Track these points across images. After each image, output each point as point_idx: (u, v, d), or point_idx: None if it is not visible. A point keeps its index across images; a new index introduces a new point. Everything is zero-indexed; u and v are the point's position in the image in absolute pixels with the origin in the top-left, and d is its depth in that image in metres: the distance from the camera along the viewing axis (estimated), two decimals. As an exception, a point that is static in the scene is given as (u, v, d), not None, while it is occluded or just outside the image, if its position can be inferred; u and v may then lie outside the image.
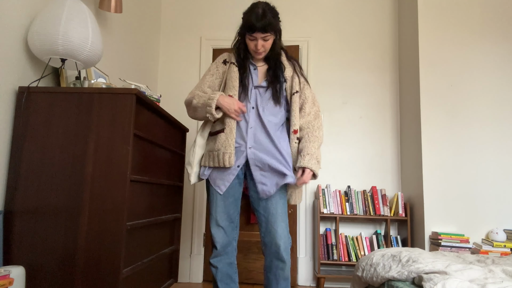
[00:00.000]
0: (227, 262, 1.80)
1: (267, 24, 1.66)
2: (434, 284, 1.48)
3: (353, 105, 3.34)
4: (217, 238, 1.77)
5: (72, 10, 1.63)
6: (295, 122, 1.75)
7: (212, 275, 1.82)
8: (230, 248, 1.80)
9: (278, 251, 1.68)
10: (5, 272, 1.31)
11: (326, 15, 3.47)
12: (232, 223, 1.79)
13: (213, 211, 1.78)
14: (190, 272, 3.17)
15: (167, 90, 3.43)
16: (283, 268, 1.69)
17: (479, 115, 2.82)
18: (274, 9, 1.76)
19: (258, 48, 1.72)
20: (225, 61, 1.84)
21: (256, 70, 1.81)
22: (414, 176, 2.94)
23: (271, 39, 1.73)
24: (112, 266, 1.48)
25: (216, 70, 1.83)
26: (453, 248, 2.56)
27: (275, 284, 1.72)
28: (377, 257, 1.94)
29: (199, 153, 1.82)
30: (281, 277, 1.70)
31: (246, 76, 1.77)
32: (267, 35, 1.70)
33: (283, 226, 1.70)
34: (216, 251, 1.78)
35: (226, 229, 1.77)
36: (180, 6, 3.55)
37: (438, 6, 2.96)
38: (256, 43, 1.71)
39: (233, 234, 1.80)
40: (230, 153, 1.69)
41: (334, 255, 2.95)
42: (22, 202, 1.51)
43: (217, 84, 1.82)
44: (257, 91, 1.77)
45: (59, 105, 1.57)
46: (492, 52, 2.88)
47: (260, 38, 1.69)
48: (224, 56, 1.87)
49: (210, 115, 1.69)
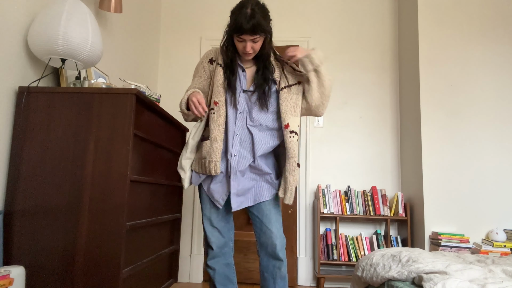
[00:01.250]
0: (225, 263, 1.77)
1: (256, 25, 1.53)
2: (434, 284, 1.48)
3: (353, 105, 3.34)
4: (213, 238, 1.74)
5: (72, 10, 1.63)
6: (285, 117, 1.66)
7: (209, 277, 1.80)
8: (226, 249, 1.78)
9: (275, 250, 1.67)
10: (5, 272, 1.31)
11: (326, 15, 3.47)
12: (228, 223, 1.77)
13: (207, 211, 1.75)
14: (190, 272, 3.17)
15: (167, 90, 3.43)
16: (280, 267, 1.69)
17: (479, 115, 2.82)
18: (264, 7, 1.60)
19: (247, 50, 1.60)
20: (211, 60, 1.75)
21: (244, 73, 1.70)
22: (414, 176, 2.94)
23: (260, 40, 1.61)
24: (112, 266, 1.48)
25: (204, 71, 1.75)
26: (453, 248, 2.56)
27: (272, 284, 1.70)
28: (377, 257, 1.94)
29: (191, 157, 1.75)
30: (278, 276, 1.70)
31: (235, 79, 1.68)
32: (256, 37, 1.57)
33: (277, 226, 1.69)
34: (212, 252, 1.75)
35: (222, 230, 1.75)
36: (180, 6, 3.55)
37: (438, 6, 2.96)
38: (244, 44, 1.59)
39: (229, 235, 1.78)
40: (215, 161, 1.64)
41: (334, 255, 2.95)
42: (22, 202, 1.51)
43: (207, 85, 1.75)
44: (246, 95, 1.69)
45: (59, 105, 1.57)
46: (492, 52, 2.88)
47: (249, 40, 1.57)
48: (211, 54, 1.76)
49: (182, 112, 1.68)
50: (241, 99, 1.68)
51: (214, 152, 1.63)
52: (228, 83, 1.67)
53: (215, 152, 1.63)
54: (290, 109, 1.67)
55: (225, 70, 1.69)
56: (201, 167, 1.71)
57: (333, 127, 3.32)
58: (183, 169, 1.74)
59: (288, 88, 1.69)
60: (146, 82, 3.15)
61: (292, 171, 1.66)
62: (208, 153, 1.65)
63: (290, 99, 1.68)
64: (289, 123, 1.66)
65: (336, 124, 3.33)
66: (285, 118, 1.66)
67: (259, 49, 1.65)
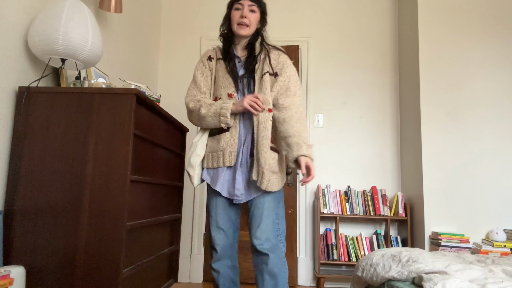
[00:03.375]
0: (230, 265, 1.74)
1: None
2: (434, 284, 1.48)
3: (353, 105, 3.34)
4: (218, 240, 1.71)
5: (72, 10, 1.63)
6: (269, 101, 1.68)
7: (213, 278, 1.76)
8: (232, 251, 1.74)
9: (258, 244, 1.63)
10: (5, 272, 1.31)
11: (326, 15, 3.47)
12: (234, 225, 1.74)
13: (213, 212, 1.73)
14: (190, 272, 3.17)
15: (167, 90, 3.43)
16: (267, 262, 1.62)
17: (479, 115, 2.82)
18: None
19: (243, 15, 1.69)
20: (210, 57, 1.80)
21: (240, 63, 1.75)
22: (414, 176, 2.94)
23: (256, 14, 1.72)
24: (112, 266, 1.48)
25: (205, 68, 1.79)
26: (453, 248, 2.56)
27: (260, 281, 1.65)
28: (377, 257, 1.94)
29: (201, 155, 1.76)
30: (265, 271, 1.63)
31: (235, 68, 1.73)
32: (254, 5, 1.70)
33: (266, 222, 1.65)
34: (216, 254, 1.72)
35: (227, 232, 1.72)
36: (180, 6, 3.55)
37: (438, 6, 2.96)
38: (242, 12, 1.69)
39: (235, 236, 1.75)
40: (230, 151, 1.67)
41: (334, 255, 2.95)
42: (22, 202, 1.51)
43: (210, 82, 1.79)
44: (242, 83, 1.74)
45: (59, 105, 1.57)
46: (492, 52, 2.88)
47: (246, 5, 1.69)
48: (208, 53, 1.82)
49: (225, 124, 1.66)
50: (239, 87, 1.73)
51: (233, 143, 1.67)
52: (233, 72, 1.72)
53: (236, 142, 1.67)
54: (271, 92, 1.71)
55: (228, 62, 1.74)
56: (216, 161, 1.70)
57: (333, 127, 3.32)
58: (192, 166, 1.74)
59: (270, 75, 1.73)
60: (146, 82, 3.15)
61: (265, 153, 1.64)
62: (228, 144, 1.67)
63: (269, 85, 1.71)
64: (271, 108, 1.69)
65: (336, 124, 3.33)
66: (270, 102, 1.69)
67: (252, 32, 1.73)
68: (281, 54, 1.77)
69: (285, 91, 1.70)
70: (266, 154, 1.63)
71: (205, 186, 3.30)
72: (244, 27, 1.70)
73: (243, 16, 1.69)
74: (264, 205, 1.66)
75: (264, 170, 1.62)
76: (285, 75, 1.72)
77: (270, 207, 1.67)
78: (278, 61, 1.74)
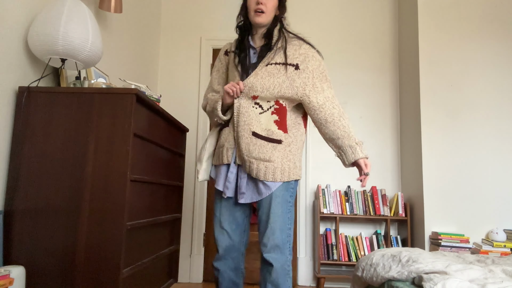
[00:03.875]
0: (232, 267, 1.66)
1: None
2: (434, 284, 1.48)
3: (353, 105, 3.34)
4: (220, 241, 1.64)
5: (72, 10, 1.63)
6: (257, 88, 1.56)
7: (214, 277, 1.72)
8: (236, 253, 1.65)
9: (264, 251, 1.55)
10: (5, 272, 1.31)
11: (326, 15, 3.47)
12: (240, 226, 1.65)
13: (217, 212, 1.65)
14: (190, 272, 3.17)
15: (167, 90, 3.43)
16: (270, 272, 1.53)
17: (479, 115, 2.82)
18: None
19: (259, 1, 1.57)
20: (226, 51, 1.77)
21: (255, 54, 1.66)
22: (414, 176, 2.94)
23: (273, 0, 1.61)
24: (112, 266, 1.48)
25: (220, 64, 1.76)
26: (453, 248, 2.56)
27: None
28: (377, 257, 1.94)
29: (209, 149, 1.70)
30: (268, 281, 1.54)
31: (245, 59, 1.64)
32: None
33: (273, 228, 1.54)
34: (218, 254, 1.66)
35: (231, 233, 1.63)
36: (180, 6, 3.55)
37: (438, 6, 2.96)
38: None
39: (240, 238, 1.66)
40: (229, 148, 1.61)
41: (334, 255, 2.95)
42: (22, 202, 1.51)
43: (225, 78, 1.75)
44: None
45: (59, 105, 1.57)
46: (492, 52, 2.88)
47: None
48: (226, 47, 1.78)
49: (218, 118, 1.63)
50: None
51: (230, 138, 1.61)
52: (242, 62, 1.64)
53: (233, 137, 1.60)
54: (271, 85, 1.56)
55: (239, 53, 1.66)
56: (217, 158, 1.66)
57: (333, 127, 3.32)
58: (200, 161, 1.71)
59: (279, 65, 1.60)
60: (146, 82, 3.15)
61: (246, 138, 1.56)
62: (226, 140, 1.62)
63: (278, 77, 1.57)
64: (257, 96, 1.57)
65: (336, 124, 3.32)
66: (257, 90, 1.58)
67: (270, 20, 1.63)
68: (303, 45, 1.68)
69: (313, 87, 1.59)
70: (247, 140, 1.55)
71: (206, 185, 3.30)
72: (261, 14, 1.60)
73: (259, 2, 1.58)
74: (271, 209, 1.56)
75: (245, 157, 1.54)
76: (307, 70, 1.60)
77: (277, 212, 1.56)
78: (299, 53, 1.64)
